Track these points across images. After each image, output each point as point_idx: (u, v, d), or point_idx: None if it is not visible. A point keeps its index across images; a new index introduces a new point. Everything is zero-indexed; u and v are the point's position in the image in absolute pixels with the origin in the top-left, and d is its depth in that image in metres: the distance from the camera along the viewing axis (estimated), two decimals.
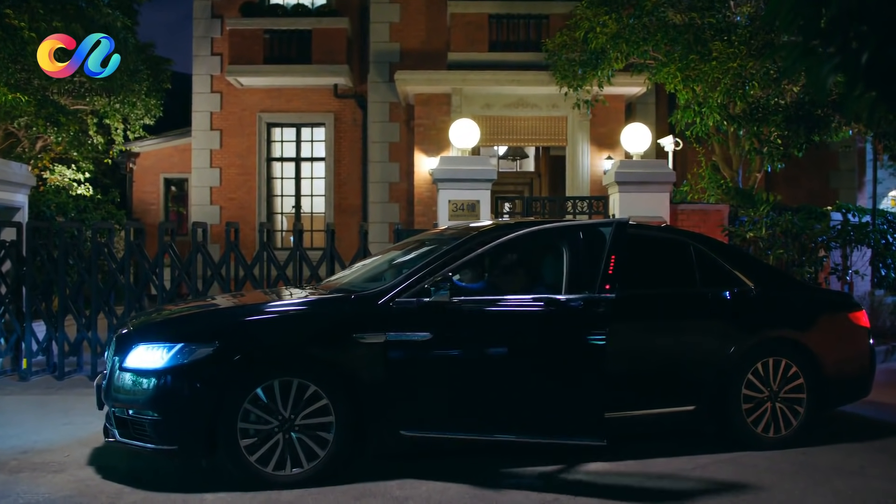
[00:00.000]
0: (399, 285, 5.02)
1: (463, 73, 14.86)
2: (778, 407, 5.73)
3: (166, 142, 18.80)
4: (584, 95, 12.31)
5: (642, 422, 5.54)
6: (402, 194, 16.50)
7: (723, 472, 5.12)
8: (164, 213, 18.79)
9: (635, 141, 9.63)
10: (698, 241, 6.07)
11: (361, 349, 4.83)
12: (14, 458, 5.32)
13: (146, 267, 8.77)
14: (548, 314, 5.21)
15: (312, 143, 17.78)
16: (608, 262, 5.10)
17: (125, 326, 5.25)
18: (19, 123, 12.27)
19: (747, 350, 5.70)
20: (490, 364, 5.10)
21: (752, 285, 5.91)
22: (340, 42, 16.69)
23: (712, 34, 10.10)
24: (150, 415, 4.65)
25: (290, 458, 4.67)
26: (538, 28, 15.19)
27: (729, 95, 10.06)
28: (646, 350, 5.56)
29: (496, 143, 16.32)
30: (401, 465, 5.07)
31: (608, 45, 10.99)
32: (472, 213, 8.92)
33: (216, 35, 17.43)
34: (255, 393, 4.63)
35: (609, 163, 14.58)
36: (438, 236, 6.06)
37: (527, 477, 5.01)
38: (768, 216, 9.21)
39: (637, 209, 8.99)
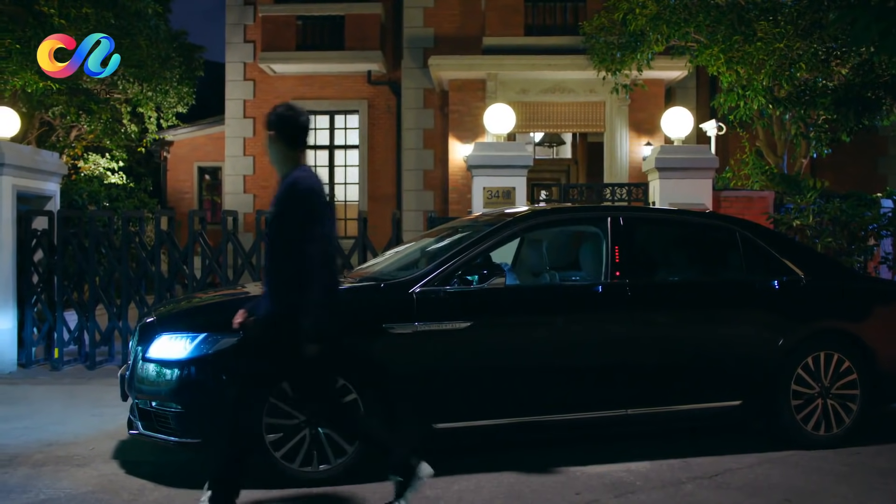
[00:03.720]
0: (431, 273, 4.84)
1: (498, 58, 14.58)
2: (829, 403, 5.44)
3: (200, 130, 18.78)
4: (622, 80, 11.98)
5: (687, 417, 5.30)
6: (437, 182, 16.29)
7: (770, 473, 4.86)
8: (198, 201, 18.79)
9: (676, 126, 9.29)
10: (745, 227, 5.78)
11: (392, 340, 4.64)
12: (39, 451, 5.23)
13: (176, 256, 8.68)
14: (589, 299, 5.12)
15: (346, 131, 17.62)
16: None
17: (149, 316, 5.11)
18: (54, 112, 12.26)
19: (797, 343, 5.41)
20: (530, 350, 4.95)
21: (802, 274, 5.62)
22: (374, 28, 16.50)
23: (757, 14, 9.72)
24: (174, 407, 4.50)
25: (317, 455, 4.49)
26: (575, 11, 14.86)
27: (774, 78, 9.68)
28: (689, 341, 5.29)
29: (532, 130, 16.02)
30: (433, 461, 4.88)
31: (648, 27, 10.64)
32: (508, 200, 8.67)
33: (249, 22, 17.33)
34: (280, 387, 4.45)
35: (648, 149, 14.24)
36: (472, 223, 5.85)
37: (563, 475, 4.78)
38: (815, 203, 8.84)
39: (678, 196, 8.68)
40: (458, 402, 4.80)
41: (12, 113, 8.47)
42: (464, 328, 4.76)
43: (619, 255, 5.20)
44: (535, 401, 4.95)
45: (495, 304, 4.92)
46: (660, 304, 5.26)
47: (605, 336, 5.09)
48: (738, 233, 5.68)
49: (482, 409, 4.85)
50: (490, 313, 4.89)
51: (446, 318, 4.74)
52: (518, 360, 4.92)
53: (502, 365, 4.88)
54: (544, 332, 5.02)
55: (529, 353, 4.95)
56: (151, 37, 11.82)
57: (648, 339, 5.14)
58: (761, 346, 5.35)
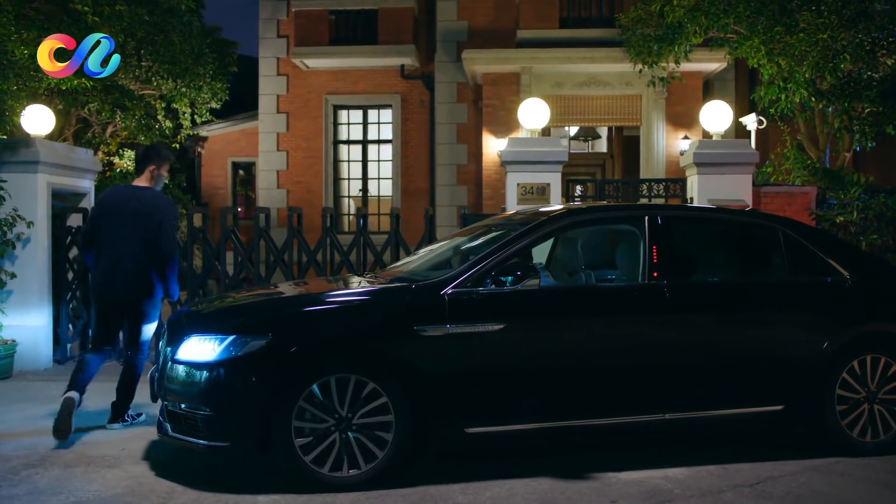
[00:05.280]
0: (463, 274, 4.74)
1: (532, 52, 14.40)
2: (876, 409, 5.24)
3: (234, 125, 18.84)
4: (659, 72, 11.75)
5: (727, 422, 5.13)
6: (471, 177, 16.16)
7: (813, 482, 4.69)
8: (231, 197, 18.87)
9: (715, 119, 9.05)
10: (787, 226, 5.59)
11: (423, 342, 4.54)
12: (71, 451, 5.22)
13: (209, 252, 8.67)
14: (626, 301, 5.01)
15: (379, 126, 17.57)
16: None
17: (178, 316, 5.07)
18: (90, 109, 12.32)
19: (842, 346, 5.22)
20: (564, 353, 4.83)
21: (847, 274, 5.42)
22: (407, 21, 16.41)
23: (799, 4, 9.44)
24: (203, 410, 4.44)
25: (346, 459, 4.41)
26: (611, 3, 14.60)
27: (817, 69, 9.40)
28: (729, 344, 5.13)
29: (567, 124, 15.83)
30: (466, 466, 4.79)
31: (686, 19, 10.40)
32: (542, 196, 8.53)
33: (282, 17, 17.33)
34: (310, 390, 4.38)
35: (686, 143, 13.99)
36: (506, 221, 5.73)
37: (598, 481, 4.65)
38: (860, 199, 8.57)
39: (717, 192, 8.46)
40: (491, 406, 4.69)
41: (47, 111, 8.50)
42: (497, 330, 4.65)
43: (657, 256, 5.06)
44: (569, 405, 4.83)
45: (529, 305, 4.81)
46: (699, 305, 5.10)
47: (642, 339, 4.95)
48: (781, 231, 5.49)
49: (515, 412, 4.74)
50: (524, 315, 4.77)
51: (479, 321, 4.63)
52: (552, 363, 4.80)
53: (536, 368, 4.77)
54: (579, 334, 4.89)
55: (564, 356, 4.83)
56: (185, 33, 11.81)
57: (687, 342, 4.99)
58: (804, 350, 5.17)
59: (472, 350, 4.61)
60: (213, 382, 4.43)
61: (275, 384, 4.36)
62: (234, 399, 4.41)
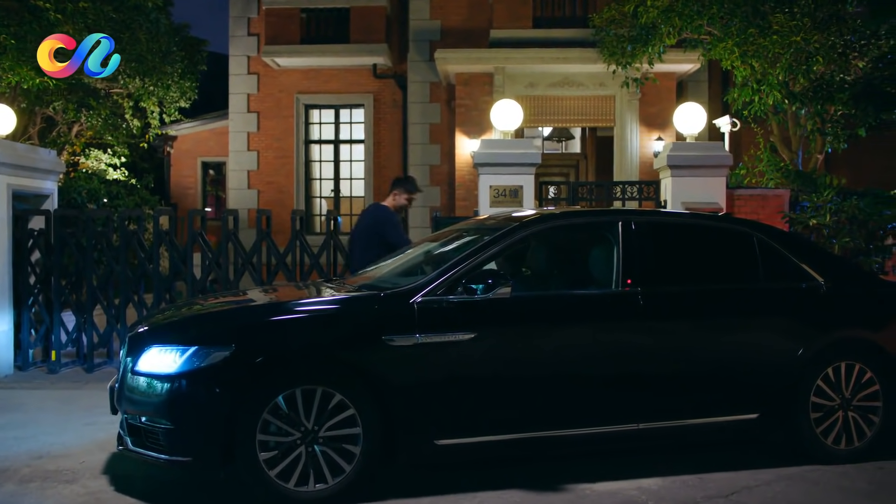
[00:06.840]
0: (433, 282, 4.61)
1: (506, 51, 14.29)
2: (850, 416, 5.19)
3: (203, 125, 18.59)
4: (632, 73, 11.73)
5: (701, 431, 5.05)
6: (443, 177, 16.04)
7: (789, 491, 4.62)
8: (202, 197, 18.61)
9: (689, 121, 9.01)
10: (762, 231, 5.53)
11: (392, 352, 4.41)
12: (27, 465, 5.03)
13: (175, 256, 8.48)
14: (599, 309, 4.92)
15: (351, 125, 17.39)
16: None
17: (139, 325, 4.90)
18: (55, 108, 12.06)
19: (817, 352, 5.16)
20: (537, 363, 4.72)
21: (822, 280, 5.37)
22: (379, 20, 16.25)
23: (773, 6, 9.44)
24: (163, 423, 4.28)
25: (313, 473, 4.27)
26: (584, 3, 14.54)
27: (790, 72, 9.42)
28: (703, 352, 5.05)
29: (541, 124, 15.76)
30: (436, 478, 4.68)
31: (659, 20, 10.38)
32: (515, 199, 8.43)
33: (253, 15, 17.09)
34: (275, 402, 4.24)
35: (659, 144, 13.97)
36: (478, 226, 5.62)
37: (572, 493, 4.56)
38: (832, 201, 8.56)
39: (691, 194, 8.41)
40: (461, 418, 4.57)
41: (7, 110, 8.28)
42: (467, 340, 4.53)
43: (631, 262, 4.97)
44: (541, 415, 4.73)
45: (501, 314, 4.69)
46: (673, 313, 5.02)
47: (616, 347, 4.85)
48: (755, 237, 5.42)
49: (486, 424, 4.62)
50: (495, 324, 4.66)
51: (449, 330, 4.51)
52: (524, 373, 4.69)
53: (508, 378, 4.65)
54: (552, 343, 4.78)
55: (536, 366, 4.72)
56: (152, 31, 11.58)
57: (661, 351, 4.90)
58: (779, 357, 5.11)
59: (443, 360, 4.49)
60: (174, 395, 4.27)
61: (238, 396, 4.21)
62: (196, 412, 4.26)
